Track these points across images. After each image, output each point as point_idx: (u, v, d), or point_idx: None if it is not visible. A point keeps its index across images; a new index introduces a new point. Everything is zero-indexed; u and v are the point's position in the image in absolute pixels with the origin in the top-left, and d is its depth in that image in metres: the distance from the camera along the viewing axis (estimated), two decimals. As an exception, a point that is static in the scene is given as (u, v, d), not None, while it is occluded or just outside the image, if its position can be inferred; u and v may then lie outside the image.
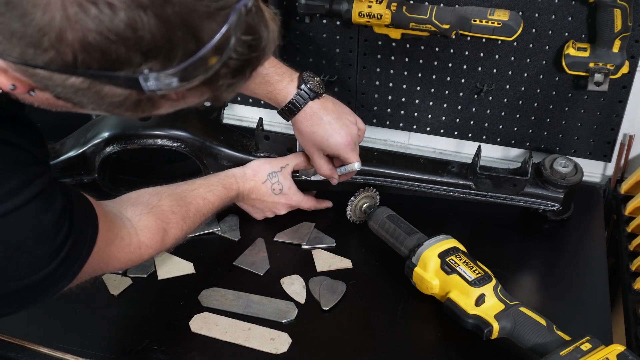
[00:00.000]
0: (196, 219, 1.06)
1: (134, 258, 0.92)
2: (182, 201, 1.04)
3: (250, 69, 0.61)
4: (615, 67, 1.20)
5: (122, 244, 0.89)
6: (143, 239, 0.93)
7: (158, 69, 0.54)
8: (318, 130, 1.12)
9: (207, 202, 1.08)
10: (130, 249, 0.90)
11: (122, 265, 0.91)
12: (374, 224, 1.17)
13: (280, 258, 1.17)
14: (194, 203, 1.06)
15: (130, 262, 0.93)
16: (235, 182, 1.15)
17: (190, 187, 1.08)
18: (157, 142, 1.22)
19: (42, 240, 0.71)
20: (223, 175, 1.15)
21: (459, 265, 1.02)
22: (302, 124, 1.13)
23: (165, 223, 0.98)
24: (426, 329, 1.05)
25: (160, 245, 0.97)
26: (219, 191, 1.11)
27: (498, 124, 1.40)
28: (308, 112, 1.12)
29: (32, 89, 0.60)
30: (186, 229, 1.03)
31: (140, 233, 0.93)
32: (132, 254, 0.91)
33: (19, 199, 0.68)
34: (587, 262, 1.19)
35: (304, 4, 1.28)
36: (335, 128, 1.12)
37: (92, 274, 0.84)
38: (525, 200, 1.23)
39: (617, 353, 0.88)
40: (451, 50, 1.33)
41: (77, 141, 1.24)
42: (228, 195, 1.13)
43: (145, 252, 0.94)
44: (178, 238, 1.02)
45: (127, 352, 0.99)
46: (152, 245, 0.95)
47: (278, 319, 1.04)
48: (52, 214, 0.71)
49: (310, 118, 1.12)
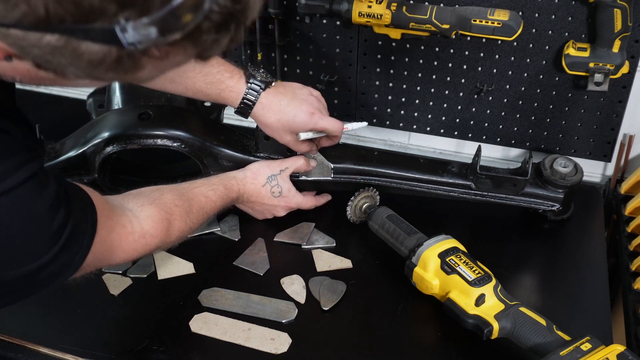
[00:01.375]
0: (199, 216, 1.05)
1: (139, 247, 0.90)
2: (184, 196, 1.03)
3: (235, 24, 0.58)
4: (615, 67, 1.20)
5: (124, 231, 0.87)
6: (146, 227, 0.91)
7: (134, 18, 0.52)
8: (281, 116, 1.13)
9: (209, 200, 1.08)
10: (133, 237, 0.89)
11: (127, 255, 0.89)
12: (374, 224, 1.17)
13: (280, 258, 1.17)
14: (196, 199, 1.05)
15: (136, 252, 0.90)
16: (236, 184, 1.15)
17: (192, 185, 1.08)
18: (157, 142, 1.22)
19: (36, 225, 0.70)
20: (224, 177, 1.15)
21: (459, 265, 1.02)
22: (263, 116, 1.14)
23: (168, 214, 0.96)
24: (426, 329, 1.05)
25: (165, 235, 0.95)
26: (220, 191, 1.11)
27: (498, 124, 1.40)
28: (265, 103, 1.13)
29: (8, 55, 0.57)
30: (190, 224, 1.02)
31: (143, 222, 0.91)
32: (136, 243, 0.89)
33: (10, 182, 0.67)
34: (587, 262, 1.19)
35: (304, 4, 1.28)
36: (295, 106, 1.13)
37: (97, 264, 0.82)
38: (525, 200, 1.23)
39: (617, 353, 0.88)
40: (451, 50, 1.33)
41: (77, 141, 1.24)
42: (229, 196, 1.13)
43: (151, 241, 0.92)
44: (182, 231, 1.00)
45: (127, 352, 0.99)
46: (156, 234, 0.93)
47: (278, 319, 1.04)
48: (46, 198, 0.70)
49: (269, 108, 1.13)
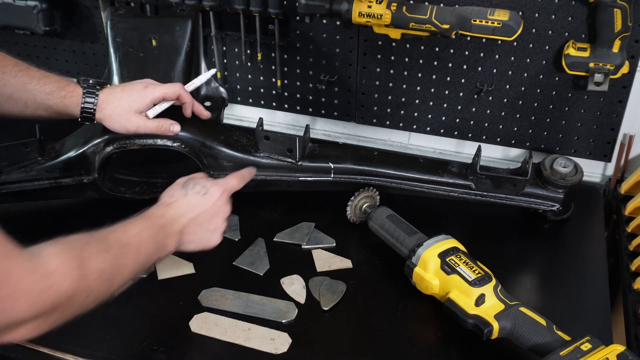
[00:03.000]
0: (124, 253, 0.88)
1: (46, 289, 0.73)
2: (95, 236, 0.87)
3: None
4: (615, 67, 1.20)
5: (24, 267, 0.72)
6: (52, 266, 0.74)
7: None
8: (118, 102, 1.15)
9: (129, 234, 0.91)
10: (36, 277, 0.72)
11: (31, 299, 0.72)
12: (374, 224, 1.17)
13: (280, 258, 1.17)
14: (112, 236, 0.89)
15: (42, 297, 0.73)
16: (157, 212, 1.00)
17: (101, 229, 0.89)
18: (157, 142, 1.22)
19: None
20: (138, 213, 0.98)
21: (459, 265, 1.02)
22: (104, 110, 1.15)
23: (78, 251, 0.80)
24: (426, 329, 1.05)
25: (77, 275, 0.77)
26: (139, 222, 0.95)
27: (498, 124, 1.40)
28: (102, 98, 1.15)
29: None
30: (112, 263, 0.85)
31: (47, 260, 0.75)
32: (41, 284, 0.72)
33: None
34: (587, 262, 1.19)
35: (304, 4, 1.28)
36: (128, 89, 1.16)
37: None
38: (525, 200, 1.23)
39: (617, 353, 0.88)
40: (451, 50, 1.33)
41: (77, 141, 1.24)
42: (156, 224, 0.97)
43: (59, 282, 0.75)
44: (103, 271, 0.82)
45: (127, 352, 0.99)
46: (65, 274, 0.75)
47: (278, 319, 1.04)
48: None
49: (107, 102, 1.15)
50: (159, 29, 1.40)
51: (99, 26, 1.56)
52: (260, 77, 1.51)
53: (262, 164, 1.25)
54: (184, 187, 1.05)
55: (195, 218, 1.02)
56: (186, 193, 1.03)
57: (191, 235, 1.02)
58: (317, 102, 1.50)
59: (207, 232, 1.04)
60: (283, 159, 1.25)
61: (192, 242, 1.02)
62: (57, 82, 1.14)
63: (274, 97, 1.53)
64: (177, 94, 1.18)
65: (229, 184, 1.09)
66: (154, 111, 1.17)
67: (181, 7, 1.42)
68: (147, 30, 1.39)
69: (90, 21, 1.56)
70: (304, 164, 1.26)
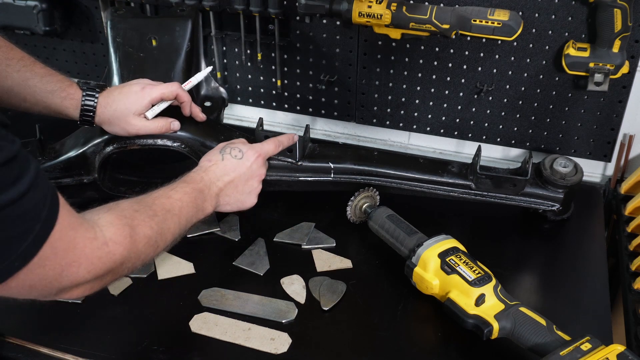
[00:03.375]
0: (168, 219, 0.95)
1: (104, 257, 0.80)
2: (142, 202, 0.94)
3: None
4: (615, 67, 1.20)
5: (87, 235, 0.79)
6: (108, 234, 0.82)
7: None
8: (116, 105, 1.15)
9: (172, 199, 0.98)
10: (97, 245, 0.80)
11: (92, 265, 0.79)
12: (374, 224, 1.17)
13: (280, 258, 1.17)
14: (158, 202, 0.96)
15: (101, 263, 0.80)
16: (196, 176, 1.07)
17: (149, 193, 0.99)
18: (157, 142, 1.22)
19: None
20: (181, 176, 1.07)
21: (459, 265, 1.02)
22: (103, 114, 1.15)
23: (129, 219, 0.87)
24: (426, 329, 1.05)
25: (129, 242, 0.85)
26: (181, 187, 1.02)
27: (498, 124, 1.40)
28: (101, 102, 1.15)
29: None
30: (157, 229, 0.91)
31: (104, 229, 0.82)
32: (100, 251, 0.80)
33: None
34: (587, 262, 1.19)
35: (304, 4, 1.28)
36: (126, 91, 1.16)
37: (56, 269, 0.75)
38: (525, 200, 1.23)
39: (617, 353, 0.88)
40: (451, 50, 1.33)
41: (77, 141, 1.24)
42: (195, 188, 1.03)
43: (115, 249, 0.82)
44: (150, 238, 0.89)
45: (127, 352, 0.99)
46: (120, 242, 0.83)
47: (278, 319, 1.04)
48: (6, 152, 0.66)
49: (105, 105, 1.15)
50: (159, 29, 1.40)
51: (99, 26, 1.56)
52: (260, 77, 1.51)
53: (262, 164, 1.25)
54: (221, 151, 1.11)
55: (232, 181, 1.09)
56: (223, 157, 1.10)
57: (227, 197, 1.09)
58: (317, 102, 1.50)
59: (243, 195, 1.12)
60: (283, 159, 1.25)
61: (228, 203, 1.10)
62: (60, 82, 1.14)
63: (274, 97, 1.53)
64: (174, 93, 1.18)
65: (264, 148, 1.16)
66: (152, 112, 1.17)
67: (181, 7, 1.42)
68: (147, 30, 1.39)
69: (90, 21, 1.56)
70: (304, 164, 1.26)
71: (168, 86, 1.18)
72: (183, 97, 1.20)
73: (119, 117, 1.15)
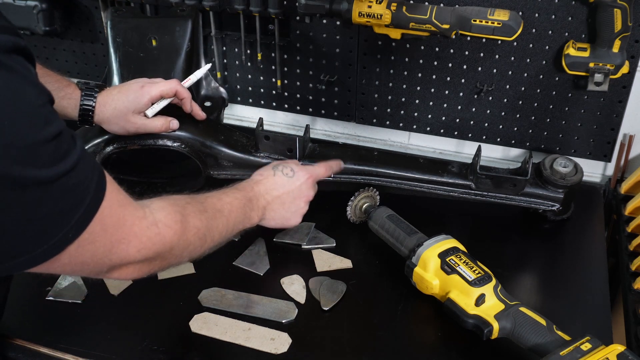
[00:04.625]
0: (217, 217, 0.97)
1: (153, 236, 0.82)
2: (195, 198, 0.97)
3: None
4: (615, 67, 1.20)
5: (137, 214, 0.80)
6: (159, 216, 0.84)
7: None
8: (116, 104, 1.15)
9: (222, 201, 1.01)
10: (146, 224, 0.81)
11: (142, 244, 0.80)
12: (374, 224, 1.17)
13: (280, 258, 1.17)
14: (209, 201, 0.98)
15: (151, 243, 0.82)
16: (247, 185, 1.10)
17: (201, 194, 1.01)
18: (157, 142, 1.22)
19: (31, 121, 0.65)
20: (234, 184, 1.10)
21: (459, 265, 1.02)
22: (102, 113, 1.15)
23: (180, 207, 0.89)
24: (426, 329, 1.05)
25: (180, 228, 0.86)
26: (232, 192, 1.05)
27: (498, 124, 1.40)
28: (100, 101, 1.15)
29: None
30: (207, 224, 0.93)
31: (155, 212, 0.84)
32: (150, 230, 0.82)
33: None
34: (587, 262, 1.19)
35: (304, 4, 1.28)
36: (125, 90, 1.16)
37: (107, 245, 0.76)
38: (525, 200, 1.23)
39: (617, 353, 0.88)
40: (451, 50, 1.33)
41: (77, 141, 1.24)
42: (245, 196, 1.06)
43: (165, 231, 0.84)
44: (199, 229, 0.91)
45: (127, 352, 0.99)
46: (170, 225, 0.85)
47: (278, 319, 1.04)
48: (53, 128, 0.67)
49: (104, 104, 1.15)
50: (159, 29, 1.40)
51: (99, 26, 1.56)
52: (260, 77, 1.51)
53: (262, 164, 1.25)
54: (274, 168, 1.14)
55: (280, 197, 1.11)
56: (275, 173, 1.13)
57: (273, 212, 1.11)
58: (317, 102, 1.50)
59: (288, 212, 1.13)
60: (283, 159, 1.25)
61: (273, 219, 1.12)
62: (58, 81, 1.15)
63: (274, 97, 1.54)
64: (174, 90, 1.18)
65: (316, 170, 1.18)
66: (152, 110, 1.17)
67: (181, 7, 1.42)
68: (147, 30, 1.39)
69: (90, 21, 1.56)
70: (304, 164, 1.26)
71: (167, 83, 1.18)
72: (183, 94, 1.20)
73: (118, 115, 1.15)
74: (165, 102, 1.19)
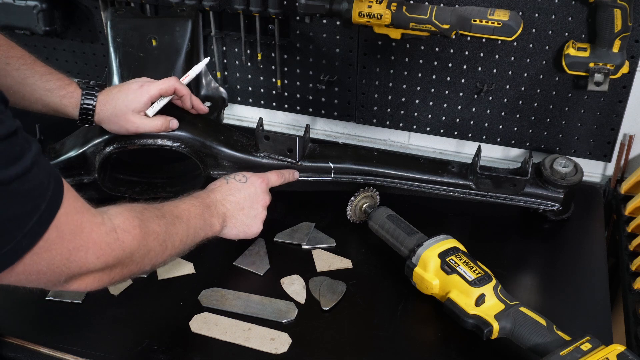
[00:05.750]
0: (175, 223, 0.96)
1: (112, 243, 0.80)
2: (150, 205, 0.95)
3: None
4: (615, 67, 1.20)
5: (94, 220, 0.78)
6: (117, 222, 0.82)
7: None
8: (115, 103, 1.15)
9: (179, 208, 1.00)
10: (105, 230, 0.79)
11: (100, 251, 0.78)
12: (374, 224, 1.17)
13: (280, 258, 1.17)
14: (165, 208, 0.97)
15: (110, 249, 0.80)
16: (203, 193, 1.09)
17: (157, 203, 1.00)
18: (157, 142, 1.22)
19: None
20: (188, 194, 1.08)
21: (459, 265, 1.02)
22: (102, 113, 1.15)
23: (138, 212, 0.88)
24: (426, 329, 1.05)
25: (139, 233, 0.85)
26: (188, 200, 1.04)
27: (498, 124, 1.40)
28: (100, 100, 1.15)
29: None
30: (166, 229, 0.92)
31: (112, 217, 0.82)
32: (108, 237, 0.79)
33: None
34: (587, 262, 1.19)
35: (304, 4, 1.28)
36: (124, 89, 1.16)
37: (65, 254, 0.74)
38: (525, 200, 1.23)
39: (617, 353, 0.87)
40: (451, 50, 1.33)
41: (77, 141, 1.24)
42: (202, 202, 1.05)
43: (124, 237, 0.82)
44: (159, 235, 0.90)
45: (127, 352, 0.99)
46: (129, 230, 0.83)
47: (278, 319, 1.04)
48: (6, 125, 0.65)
49: (104, 104, 1.15)
50: (159, 29, 1.40)
51: (99, 26, 1.56)
52: (260, 77, 1.51)
53: (262, 164, 1.25)
54: (226, 177, 1.14)
55: (238, 202, 1.11)
56: (228, 181, 1.13)
57: (234, 219, 1.10)
58: (317, 102, 1.50)
59: (248, 218, 1.12)
60: (283, 159, 1.25)
61: (235, 226, 1.11)
62: (60, 80, 1.15)
63: (274, 97, 1.54)
64: (173, 87, 1.18)
65: (267, 176, 1.18)
66: (153, 109, 1.17)
67: (181, 7, 1.42)
68: (147, 30, 1.39)
69: (90, 21, 1.56)
70: (304, 164, 1.26)
71: (166, 81, 1.18)
72: (182, 91, 1.20)
73: (118, 115, 1.15)
74: (165, 101, 1.19)
